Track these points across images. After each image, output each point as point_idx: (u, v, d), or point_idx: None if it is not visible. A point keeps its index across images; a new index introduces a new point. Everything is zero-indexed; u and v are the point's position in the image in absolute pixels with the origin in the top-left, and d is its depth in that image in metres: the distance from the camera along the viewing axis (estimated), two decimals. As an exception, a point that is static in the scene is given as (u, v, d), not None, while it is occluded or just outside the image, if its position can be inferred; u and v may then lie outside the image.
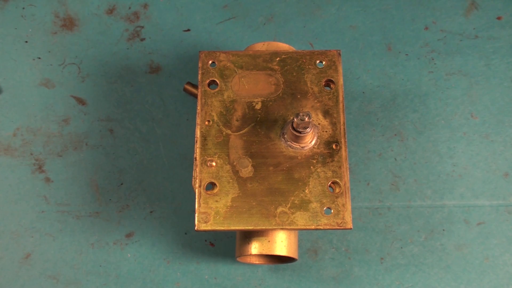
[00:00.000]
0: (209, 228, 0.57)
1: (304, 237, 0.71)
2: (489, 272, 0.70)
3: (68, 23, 0.79)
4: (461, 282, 0.70)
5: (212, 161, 0.60)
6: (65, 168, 0.73)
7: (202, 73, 0.63)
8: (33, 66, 0.77)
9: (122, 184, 0.73)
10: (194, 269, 0.70)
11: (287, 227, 0.57)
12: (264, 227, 0.57)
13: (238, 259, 0.66)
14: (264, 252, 0.62)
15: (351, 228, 0.57)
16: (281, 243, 0.63)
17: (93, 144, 0.74)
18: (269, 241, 0.62)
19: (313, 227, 0.57)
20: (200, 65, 0.64)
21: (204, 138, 0.61)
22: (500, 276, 0.70)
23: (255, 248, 0.62)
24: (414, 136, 0.74)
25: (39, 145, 0.74)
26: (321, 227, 0.57)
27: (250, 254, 0.63)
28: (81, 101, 0.76)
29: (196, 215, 0.57)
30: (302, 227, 0.57)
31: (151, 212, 0.72)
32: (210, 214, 0.58)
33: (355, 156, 0.74)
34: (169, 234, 0.71)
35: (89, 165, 0.73)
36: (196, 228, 0.57)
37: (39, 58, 0.78)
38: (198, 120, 0.61)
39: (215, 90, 0.63)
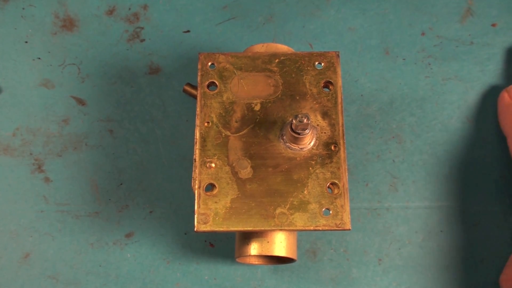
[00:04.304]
0: (208, 229, 0.57)
1: (303, 238, 0.71)
2: (487, 273, 0.70)
3: (68, 24, 0.79)
4: (458, 283, 0.70)
5: (211, 162, 0.60)
6: (64, 168, 0.73)
7: (202, 75, 0.64)
8: (33, 66, 0.77)
9: (121, 184, 0.73)
10: (194, 269, 0.71)
11: (286, 228, 0.57)
12: (263, 228, 0.57)
13: (237, 259, 0.66)
14: (263, 253, 0.62)
15: (349, 229, 0.57)
16: (280, 244, 0.63)
17: (92, 145, 0.74)
18: (268, 242, 0.62)
19: (311, 228, 0.57)
20: (199, 66, 0.64)
21: (203, 139, 0.61)
22: (498, 277, 0.70)
23: (254, 249, 0.63)
24: (412, 139, 0.75)
25: (39, 145, 0.74)
26: (320, 228, 0.58)
27: (250, 255, 0.63)
28: (80, 102, 0.76)
29: (196, 216, 0.58)
30: (301, 228, 0.57)
31: (150, 212, 0.72)
32: (210, 215, 0.58)
33: (354, 157, 0.74)
34: (169, 234, 0.71)
35: (89, 165, 0.74)
36: (195, 229, 0.57)
37: (39, 58, 0.78)
38: (197, 122, 0.61)
39: (214, 92, 0.63)
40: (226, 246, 0.71)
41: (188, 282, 0.70)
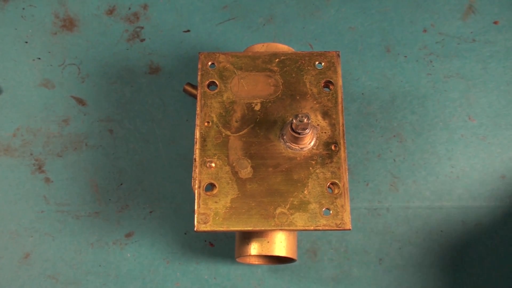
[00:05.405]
0: (208, 229, 0.57)
1: (303, 237, 0.71)
2: (486, 273, 0.70)
3: (68, 24, 0.79)
4: (458, 283, 0.70)
5: (211, 162, 0.60)
6: (64, 168, 0.73)
7: (202, 74, 0.64)
8: (33, 66, 0.77)
9: (121, 184, 0.73)
10: (194, 269, 0.70)
11: (286, 228, 0.57)
12: (263, 228, 0.57)
13: (237, 259, 0.66)
14: (264, 253, 0.62)
15: (350, 229, 0.57)
16: (280, 244, 0.63)
17: (93, 145, 0.74)
18: (268, 242, 0.62)
19: (312, 228, 0.57)
20: (199, 66, 0.64)
21: (203, 139, 0.61)
22: (498, 277, 0.70)
23: (254, 248, 0.63)
24: (413, 138, 0.75)
25: (39, 145, 0.74)
26: (320, 228, 0.58)
27: (250, 255, 0.63)
28: (81, 102, 0.76)
29: (196, 216, 0.58)
30: (301, 228, 0.57)
31: (150, 212, 0.72)
32: (210, 215, 0.58)
33: (354, 157, 0.74)
34: (169, 234, 0.71)
35: (89, 165, 0.74)
36: (195, 229, 0.57)
37: (39, 58, 0.78)
38: (197, 121, 0.61)
39: (214, 91, 0.63)
40: (226, 246, 0.71)
41: (188, 282, 0.70)
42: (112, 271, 0.70)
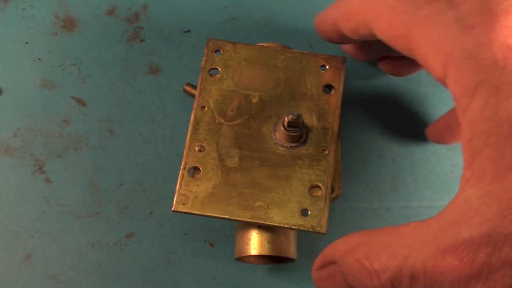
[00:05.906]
0: (186, 210, 0.58)
1: (303, 237, 0.71)
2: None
3: (68, 24, 0.80)
4: (460, 283, 0.69)
5: (200, 146, 0.60)
6: (65, 169, 0.74)
7: (206, 60, 0.64)
8: (33, 67, 0.78)
9: (122, 184, 0.73)
10: (194, 269, 0.70)
11: (261, 222, 0.58)
12: (239, 218, 0.58)
13: (237, 259, 0.65)
14: (263, 253, 0.62)
15: (325, 233, 0.58)
16: (280, 244, 0.62)
17: (93, 145, 0.74)
18: (268, 242, 0.62)
19: (287, 226, 0.58)
20: (205, 51, 0.65)
21: (197, 122, 0.62)
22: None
23: (254, 248, 0.62)
24: (413, 137, 0.74)
25: (39, 146, 0.74)
26: (296, 228, 0.58)
27: (250, 255, 0.63)
28: (81, 102, 0.76)
29: (176, 196, 0.59)
30: (277, 224, 0.58)
31: (150, 212, 0.72)
32: (189, 197, 0.58)
33: (354, 156, 0.73)
34: (169, 234, 0.71)
35: (89, 165, 0.74)
36: (173, 208, 0.58)
37: (39, 59, 0.78)
38: (194, 105, 0.62)
39: (215, 78, 0.63)
40: (226, 246, 0.71)
41: (188, 282, 0.70)
42: (112, 272, 0.70)
